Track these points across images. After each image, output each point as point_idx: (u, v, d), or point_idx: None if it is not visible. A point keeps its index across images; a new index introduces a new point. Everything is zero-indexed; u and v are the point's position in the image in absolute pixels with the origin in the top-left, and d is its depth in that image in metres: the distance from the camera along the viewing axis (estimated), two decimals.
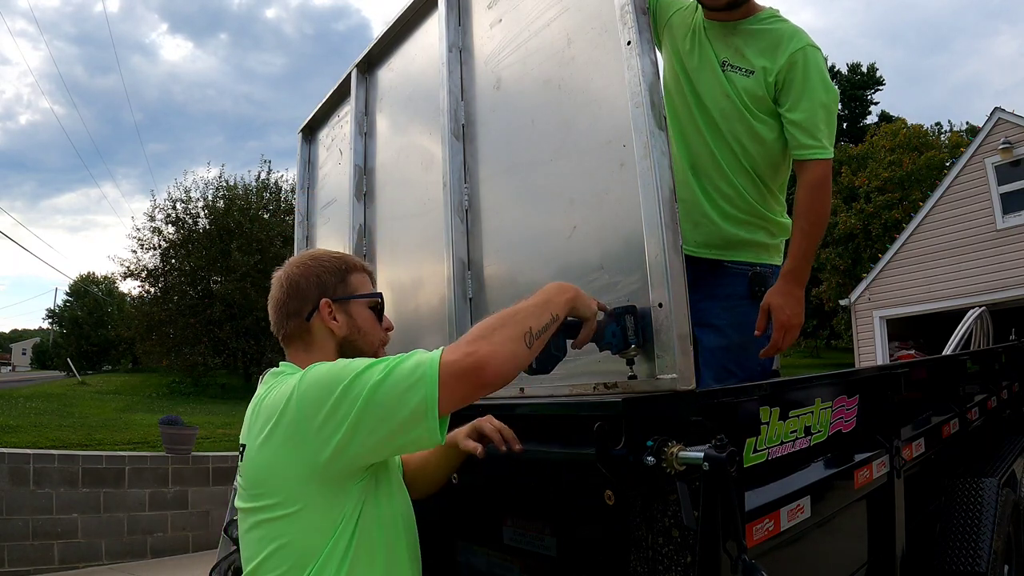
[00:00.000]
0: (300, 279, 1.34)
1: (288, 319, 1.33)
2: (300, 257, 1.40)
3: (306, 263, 1.36)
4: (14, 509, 5.50)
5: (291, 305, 1.33)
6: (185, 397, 15.90)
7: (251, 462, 1.18)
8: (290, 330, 1.34)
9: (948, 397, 2.74)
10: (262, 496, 1.14)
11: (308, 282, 1.33)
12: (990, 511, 2.43)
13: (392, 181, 2.43)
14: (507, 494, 1.65)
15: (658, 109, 1.34)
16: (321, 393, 1.08)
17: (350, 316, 1.34)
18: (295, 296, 1.33)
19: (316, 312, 1.32)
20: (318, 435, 1.08)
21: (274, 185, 19.62)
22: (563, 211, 1.56)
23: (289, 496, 1.11)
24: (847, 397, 1.79)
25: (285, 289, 1.34)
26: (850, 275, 20.82)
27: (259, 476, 1.16)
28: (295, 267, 1.36)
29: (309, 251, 1.45)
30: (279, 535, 1.12)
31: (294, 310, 1.33)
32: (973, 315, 4.90)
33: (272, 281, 1.38)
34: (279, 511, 1.12)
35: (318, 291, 1.32)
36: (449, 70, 1.97)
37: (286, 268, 1.38)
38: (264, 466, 1.14)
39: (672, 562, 1.18)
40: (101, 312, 34.47)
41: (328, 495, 1.11)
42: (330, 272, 1.35)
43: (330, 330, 1.32)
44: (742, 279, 1.96)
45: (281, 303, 1.34)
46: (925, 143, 23.54)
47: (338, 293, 1.34)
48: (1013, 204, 11.05)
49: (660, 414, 1.19)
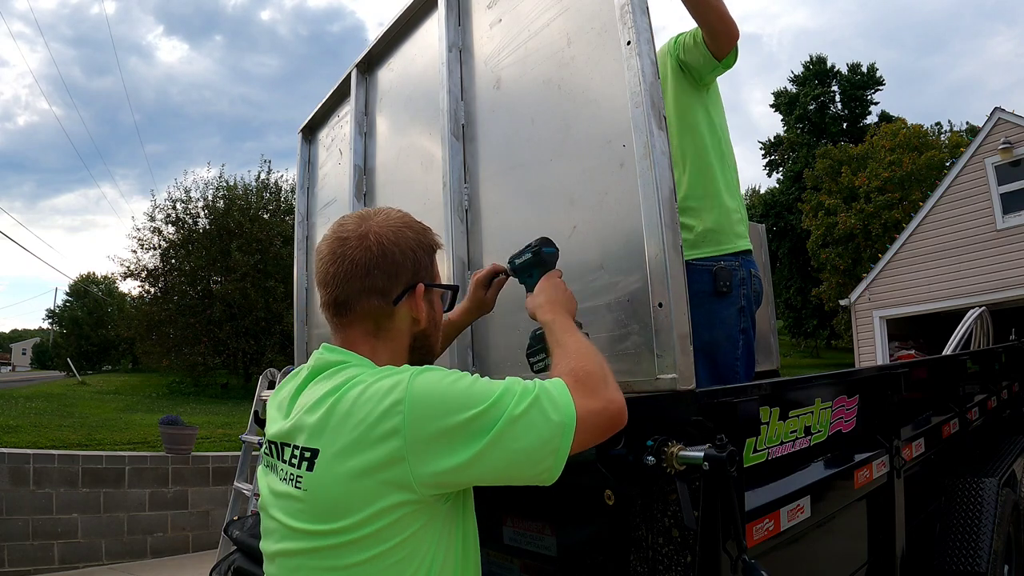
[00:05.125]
0: (395, 249, 1.06)
1: (367, 295, 1.05)
2: (388, 218, 1.10)
3: (402, 229, 1.09)
4: (14, 509, 5.50)
5: (378, 279, 1.05)
6: (185, 397, 15.90)
7: (331, 474, 0.93)
8: (363, 309, 1.06)
9: (948, 397, 2.74)
10: (343, 516, 0.91)
11: (405, 256, 1.07)
12: (990, 511, 2.43)
13: (392, 181, 2.43)
14: (507, 494, 1.65)
15: (658, 109, 1.33)
16: (444, 412, 0.91)
17: (432, 307, 1.12)
18: (385, 269, 1.05)
19: (409, 296, 1.07)
20: (433, 455, 0.90)
21: (274, 185, 19.63)
22: (563, 211, 1.56)
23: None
24: (847, 397, 1.79)
25: (375, 256, 1.04)
26: (850, 275, 20.84)
27: (345, 491, 0.92)
28: (388, 230, 1.07)
29: (395, 213, 1.13)
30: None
31: (380, 287, 1.05)
32: (973, 315, 4.90)
33: (347, 239, 1.06)
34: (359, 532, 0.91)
35: (413, 270, 1.08)
36: (449, 70, 1.97)
37: (373, 227, 1.07)
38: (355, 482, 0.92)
39: (672, 562, 1.18)
40: (101, 312, 34.52)
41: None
42: (425, 249, 1.11)
43: (415, 319, 1.09)
44: (707, 275, 1.95)
45: (363, 273, 1.04)
46: (925, 143, 23.54)
47: (429, 277, 1.11)
48: (1013, 204, 11.06)
49: (660, 414, 1.19)
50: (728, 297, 1.94)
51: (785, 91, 33.69)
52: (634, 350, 1.34)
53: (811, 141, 31.64)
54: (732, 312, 1.95)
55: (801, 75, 33.62)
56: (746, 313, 1.97)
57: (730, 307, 1.95)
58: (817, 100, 32.49)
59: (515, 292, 1.73)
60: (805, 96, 32.58)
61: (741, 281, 1.96)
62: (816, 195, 24.99)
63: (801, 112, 32.68)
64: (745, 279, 1.98)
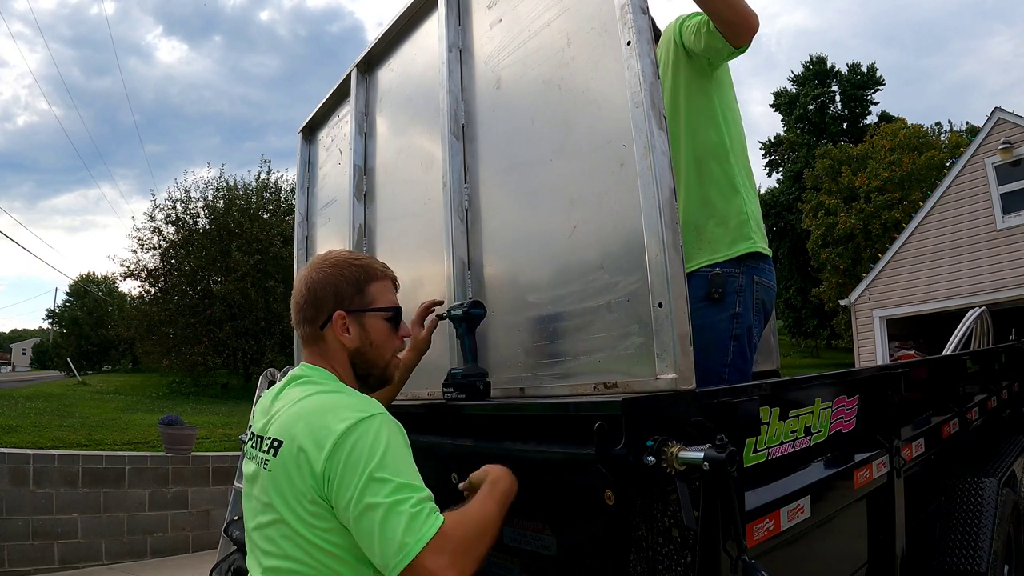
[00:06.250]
0: (317, 286, 1.34)
1: (303, 323, 1.35)
2: (323, 260, 1.38)
3: (326, 269, 1.35)
4: (14, 509, 5.50)
5: (307, 311, 1.34)
6: (185, 397, 15.89)
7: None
8: (305, 334, 1.36)
9: (948, 397, 2.74)
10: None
11: (325, 291, 1.33)
12: (990, 511, 2.43)
13: (392, 181, 2.43)
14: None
15: (658, 109, 1.34)
16: (352, 469, 1.10)
17: (364, 328, 1.35)
18: (311, 303, 1.34)
19: (329, 323, 1.33)
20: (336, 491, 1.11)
21: (274, 185, 19.63)
22: (563, 211, 1.56)
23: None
24: (847, 397, 1.79)
25: (304, 294, 1.35)
26: (850, 275, 20.85)
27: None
28: (316, 271, 1.36)
29: (334, 254, 1.41)
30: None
31: (310, 316, 1.34)
32: (973, 315, 4.90)
33: (295, 279, 1.39)
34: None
35: (334, 301, 1.33)
36: (449, 70, 1.97)
37: (308, 270, 1.37)
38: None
39: (672, 562, 1.18)
40: (101, 312, 34.49)
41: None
42: (348, 282, 1.34)
43: (341, 342, 1.33)
44: (703, 281, 1.94)
45: (299, 306, 1.35)
46: (925, 143, 23.55)
47: (354, 305, 1.34)
48: (1013, 204, 11.06)
49: (660, 414, 1.19)
50: (720, 304, 1.92)
51: (785, 91, 33.69)
52: (634, 350, 1.34)
53: (811, 141, 31.64)
54: (723, 318, 1.92)
55: (801, 75, 33.62)
56: (741, 320, 1.93)
57: (721, 313, 1.92)
58: (817, 100, 32.49)
59: (515, 294, 1.73)
60: (805, 96, 32.58)
61: (738, 288, 1.93)
62: (816, 195, 24.99)
63: (801, 112, 32.68)
64: (744, 286, 1.94)
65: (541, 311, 1.60)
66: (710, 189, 1.99)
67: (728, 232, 1.97)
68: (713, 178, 1.99)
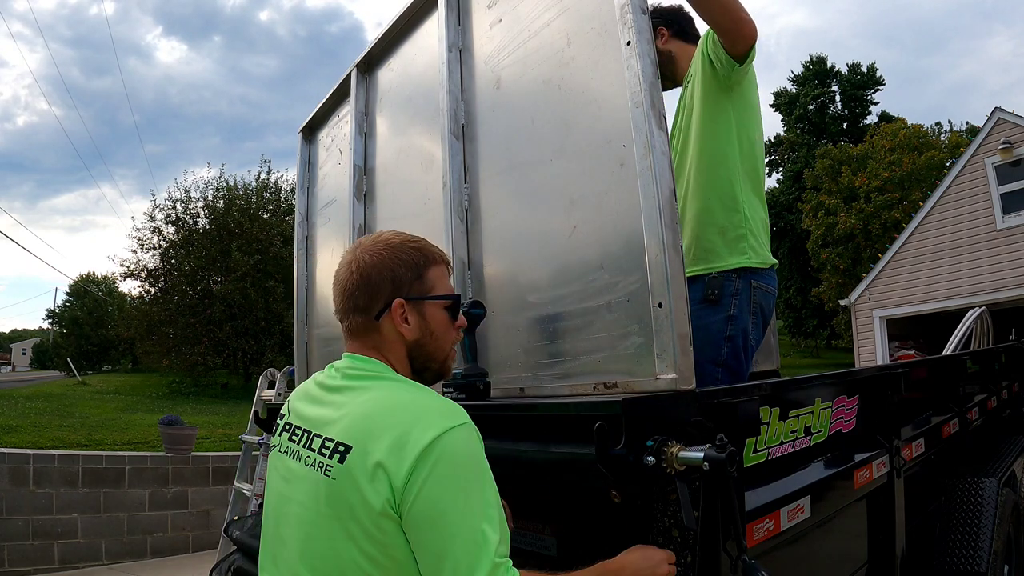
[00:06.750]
0: (372, 271, 1.19)
1: (355, 313, 1.21)
2: (376, 242, 1.23)
3: (380, 252, 1.21)
4: (14, 509, 5.50)
5: (359, 298, 1.20)
6: (185, 397, 15.90)
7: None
8: (356, 324, 1.22)
9: (948, 397, 2.74)
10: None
11: (381, 276, 1.19)
12: (990, 511, 2.43)
13: (392, 181, 2.43)
14: (507, 494, 1.65)
15: (658, 109, 1.33)
16: (436, 487, 1.01)
17: (423, 318, 1.22)
18: (364, 289, 1.19)
19: (387, 312, 1.20)
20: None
21: (274, 185, 19.64)
22: (563, 211, 1.56)
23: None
24: (847, 397, 1.79)
25: (355, 279, 1.20)
26: (850, 275, 20.86)
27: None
28: (368, 254, 1.21)
29: (387, 235, 1.26)
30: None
31: (363, 305, 1.20)
32: (973, 315, 4.90)
33: (341, 263, 1.23)
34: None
35: (391, 288, 1.19)
36: (449, 70, 1.97)
37: (357, 253, 1.22)
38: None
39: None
40: (101, 312, 34.48)
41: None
42: (406, 266, 1.21)
43: (400, 333, 1.20)
44: (700, 285, 1.97)
45: (349, 293, 1.21)
46: (925, 143, 23.56)
47: (413, 292, 1.21)
48: (1013, 204, 11.06)
49: (660, 414, 1.19)
50: (716, 306, 1.94)
51: (785, 91, 33.68)
52: (634, 350, 1.34)
53: (811, 141, 31.64)
54: (718, 320, 1.95)
55: (801, 75, 33.61)
56: (736, 322, 1.95)
57: (717, 315, 1.95)
58: (817, 100, 32.49)
59: (515, 294, 1.73)
60: (805, 96, 32.58)
61: (735, 291, 1.95)
62: (816, 195, 24.99)
63: (801, 112, 32.68)
64: (740, 290, 1.96)
65: (541, 311, 1.60)
66: (712, 198, 2.01)
67: (726, 244, 1.99)
68: (717, 189, 2.01)
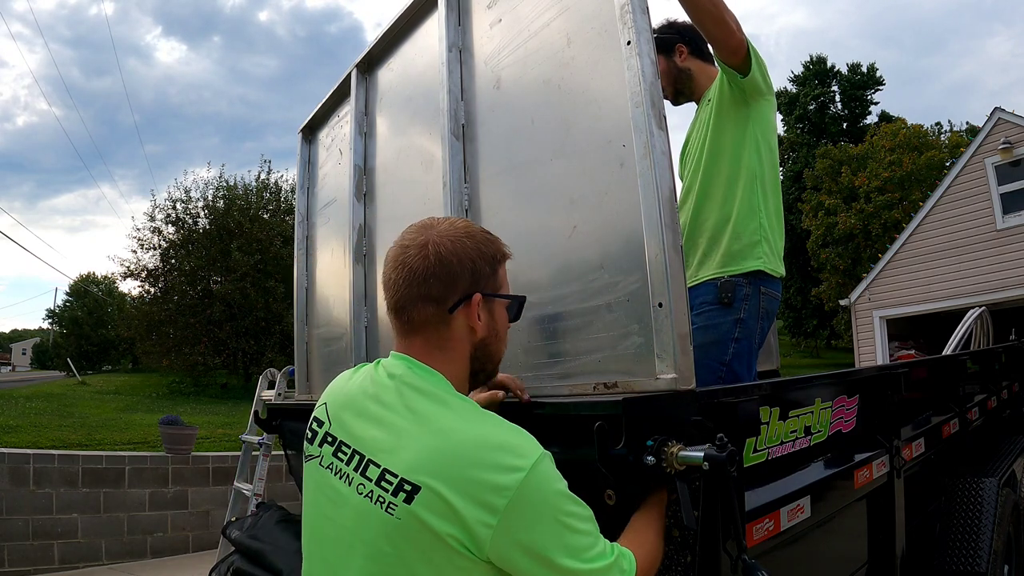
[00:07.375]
0: (453, 258, 1.07)
1: (424, 303, 1.07)
2: (453, 228, 1.11)
3: (461, 239, 1.09)
4: (14, 509, 5.50)
5: (434, 287, 1.06)
6: (185, 397, 15.89)
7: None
8: (421, 316, 1.08)
9: (948, 397, 2.74)
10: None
11: (463, 266, 1.07)
12: (990, 511, 2.43)
13: (392, 181, 2.43)
14: None
15: (658, 109, 1.34)
16: (534, 533, 0.93)
17: (492, 316, 1.13)
18: (442, 278, 1.06)
19: (463, 305, 1.08)
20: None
21: (274, 185, 19.62)
22: (563, 211, 1.56)
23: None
24: (847, 397, 1.79)
25: (432, 265, 1.06)
26: (850, 275, 20.87)
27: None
28: (448, 240, 1.08)
29: (463, 222, 1.15)
30: None
31: (436, 294, 1.06)
32: (973, 315, 4.90)
33: (408, 247, 1.09)
34: None
35: (470, 280, 1.08)
36: (449, 70, 1.97)
37: (433, 236, 1.09)
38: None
39: (672, 562, 1.18)
40: (101, 312, 34.52)
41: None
42: (486, 259, 1.11)
43: (472, 329, 1.10)
44: (712, 288, 2.03)
45: (420, 280, 1.06)
46: (925, 143, 23.58)
47: (488, 287, 1.11)
48: (1013, 204, 11.07)
49: (660, 414, 1.19)
50: (728, 308, 2.00)
51: (785, 91, 33.68)
52: (634, 350, 1.34)
53: (811, 141, 31.65)
54: (728, 321, 2.00)
55: (801, 75, 33.64)
56: (745, 324, 2.00)
57: (727, 316, 2.00)
58: (817, 100, 32.50)
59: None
60: (805, 96, 32.60)
61: (745, 296, 2.01)
62: (816, 195, 25.01)
63: (801, 112, 32.70)
64: (751, 295, 2.01)
65: (541, 311, 1.60)
66: (733, 207, 2.07)
67: (741, 247, 2.05)
68: (740, 198, 2.07)
